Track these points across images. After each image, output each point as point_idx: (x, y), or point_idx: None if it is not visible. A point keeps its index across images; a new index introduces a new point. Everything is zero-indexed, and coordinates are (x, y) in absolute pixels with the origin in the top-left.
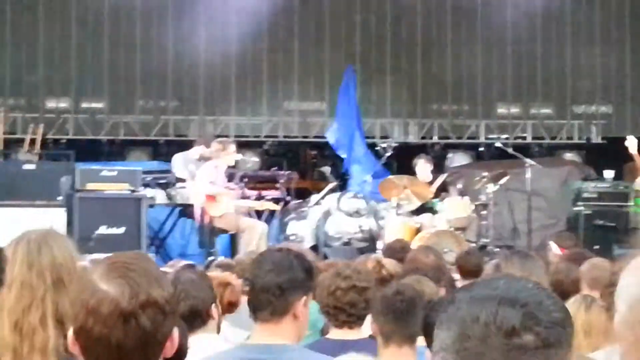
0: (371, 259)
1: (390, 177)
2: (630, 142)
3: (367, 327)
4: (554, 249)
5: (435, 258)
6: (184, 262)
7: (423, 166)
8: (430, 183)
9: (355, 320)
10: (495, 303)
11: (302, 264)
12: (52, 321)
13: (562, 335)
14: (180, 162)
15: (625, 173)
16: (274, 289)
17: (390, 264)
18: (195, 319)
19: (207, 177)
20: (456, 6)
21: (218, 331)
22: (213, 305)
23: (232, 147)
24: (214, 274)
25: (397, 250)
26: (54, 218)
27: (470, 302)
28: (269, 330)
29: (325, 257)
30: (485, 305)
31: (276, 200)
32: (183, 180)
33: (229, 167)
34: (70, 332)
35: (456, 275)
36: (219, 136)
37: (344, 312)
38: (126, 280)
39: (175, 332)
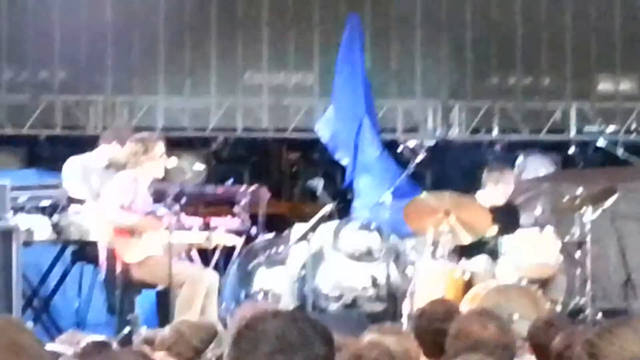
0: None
1: (423, 195)
2: None
3: None
4: None
5: (499, 330)
6: (87, 337)
7: (500, 181)
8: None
9: None
10: None
11: (319, 331)
12: None
13: None
14: (76, 172)
15: None
16: None
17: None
18: None
19: (119, 198)
20: None
21: None
22: None
23: (160, 147)
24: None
25: (438, 318)
26: None
27: None
28: None
29: None
30: None
31: (234, 234)
32: (81, 202)
33: (155, 179)
34: None
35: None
36: (138, 129)
37: None
38: (8, 351)
39: None
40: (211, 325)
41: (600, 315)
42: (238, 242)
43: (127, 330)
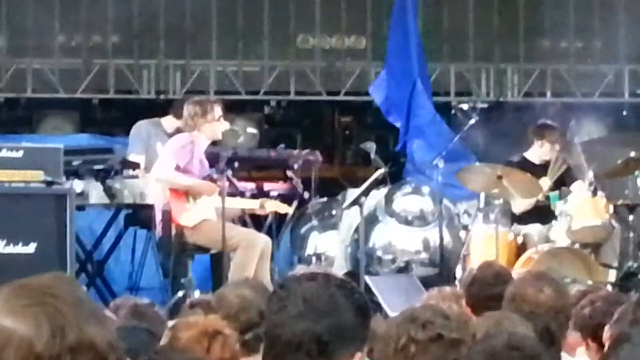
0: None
1: (477, 165)
2: None
3: None
4: None
5: (554, 294)
6: (138, 301)
7: (547, 145)
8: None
9: None
10: None
11: (352, 299)
12: None
13: None
14: (141, 136)
15: None
16: (310, 343)
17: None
18: None
19: (175, 159)
20: None
21: None
22: None
23: (217, 110)
24: (193, 318)
25: (490, 281)
26: None
27: None
28: None
29: (369, 290)
30: None
31: (287, 198)
32: (134, 166)
33: (212, 143)
34: None
35: None
36: (191, 93)
37: None
38: (43, 310)
39: None
40: (265, 285)
41: None
42: (291, 210)
43: (180, 294)
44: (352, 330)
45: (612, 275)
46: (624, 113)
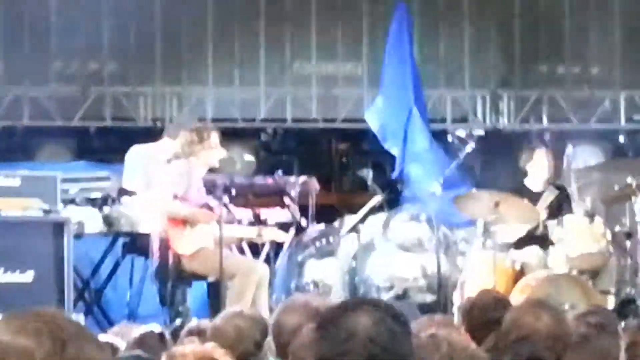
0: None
1: (474, 191)
2: None
3: None
4: None
5: (552, 321)
6: (138, 327)
7: (540, 163)
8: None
9: None
10: None
11: (403, 324)
12: None
13: None
14: (137, 162)
15: None
16: None
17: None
18: None
19: (173, 188)
20: None
21: None
22: None
23: (215, 137)
24: (189, 347)
25: (489, 307)
26: None
27: None
28: None
29: None
30: None
31: (284, 226)
32: (131, 194)
33: (208, 170)
34: None
35: None
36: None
37: None
38: (45, 325)
39: None
40: (260, 315)
41: None
42: (289, 238)
43: (178, 322)
44: (408, 355)
45: (610, 302)
46: (621, 139)
